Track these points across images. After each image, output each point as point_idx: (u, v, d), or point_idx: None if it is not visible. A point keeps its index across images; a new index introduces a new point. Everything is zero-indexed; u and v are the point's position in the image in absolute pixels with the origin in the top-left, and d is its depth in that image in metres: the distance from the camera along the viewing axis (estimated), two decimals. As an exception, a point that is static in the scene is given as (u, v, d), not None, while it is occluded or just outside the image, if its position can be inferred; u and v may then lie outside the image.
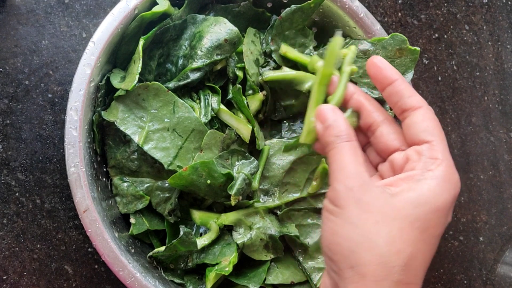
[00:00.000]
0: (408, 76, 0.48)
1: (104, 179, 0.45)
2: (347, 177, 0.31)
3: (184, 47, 0.44)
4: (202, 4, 0.47)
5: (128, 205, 0.45)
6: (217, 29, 0.43)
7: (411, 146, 0.34)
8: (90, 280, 0.52)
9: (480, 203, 0.64)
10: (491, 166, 0.65)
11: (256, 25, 0.49)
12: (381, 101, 0.49)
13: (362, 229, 0.29)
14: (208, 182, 0.43)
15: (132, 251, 0.44)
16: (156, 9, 0.43)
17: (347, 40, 0.49)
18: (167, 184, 0.45)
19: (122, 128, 0.42)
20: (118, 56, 0.45)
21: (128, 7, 0.42)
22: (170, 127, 0.43)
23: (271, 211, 0.47)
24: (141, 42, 0.42)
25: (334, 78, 0.38)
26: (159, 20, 0.45)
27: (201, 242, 0.45)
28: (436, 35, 0.64)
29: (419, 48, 0.47)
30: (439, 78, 0.63)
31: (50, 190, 0.51)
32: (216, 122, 0.45)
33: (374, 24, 0.49)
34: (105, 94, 0.44)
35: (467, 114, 0.64)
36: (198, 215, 0.46)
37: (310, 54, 0.49)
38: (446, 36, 0.64)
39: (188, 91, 0.46)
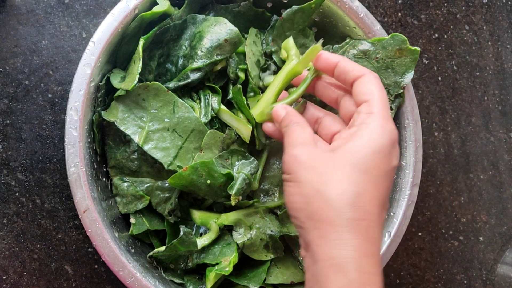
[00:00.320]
0: (408, 76, 0.48)
1: (104, 179, 0.45)
2: (292, 148, 0.36)
3: (184, 47, 0.44)
4: (202, 4, 0.47)
5: (128, 205, 0.45)
6: (217, 29, 0.43)
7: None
8: (90, 280, 0.52)
9: (480, 203, 0.64)
10: (491, 166, 0.65)
11: (256, 25, 0.49)
12: None
13: (311, 183, 0.33)
14: (208, 182, 0.43)
15: (132, 251, 0.44)
16: (156, 9, 0.43)
17: (347, 40, 0.49)
18: (167, 184, 0.45)
19: (122, 128, 0.42)
20: (118, 56, 0.45)
21: (128, 7, 0.42)
22: (170, 127, 0.43)
23: (271, 211, 0.47)
24: (141, 42, 0.42)
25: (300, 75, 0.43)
26: (159, 20, 0.45)
27: (201, 242, 0.45)
28: (436, 35, 0.64)
29: (419, 48, 0.47)
30: (439, 78, 0.63)
31: (50, 190, 0.51)
32: (216, 122, 0.45)
33: (374, 24, 0.49)
34: (105, 94, 0.44)
35: (467, 114, 0.64)
36: (198, 215, 0.46)
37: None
38: (446, 36, 0.64)
39: (188, 91, 0.46)
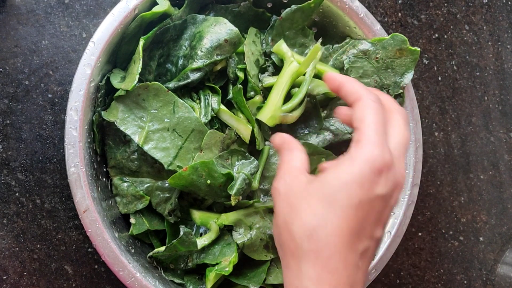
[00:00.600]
0: (408, 76, 0.48)
1: (104, 179, 0.45)
2: (276, 179, 0.37)
3: (184, 47, 0.44)
4: (202, 4, 0.47)
5: (128, 205, 0.45)
6: (217, 29, 0.43)
7: None
8: (90, 280, 0.52)
9: (480, 203, 0.64)
10: (491, 166, 0.65)
11: (256, 25, 0.49)
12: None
13: (282, 215, 0.35)
14: (208, 182, 0.43)
15: (132, 251, 0.44)
16: (156, 9, 0.43)
17: (347, 40, 0.49)
18: (167, 184, 0.45)
19: (122, 128, 0.42)
20: (118, 56, 0.45)
21: (128, 7, 0.42)
22: (170, 127, 0.43)
23: (272, 211, 0.47)
24: (141, 42, 0.42)
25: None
26: (159, 20, 0.45)
27: (201, 242, 0.45)
28: (436, 35, 0.64)
29: (419, 49, 0.47)
30: (439, 78, 0.63)
31: (50, 190, 0.51)
32: (216, 122, 0.45)
33: (374, 24, 0.49)
34: (105, 94, 0.44)
35: (467, 114, 0.64)
36: (198, 215, 0.46)
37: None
38: (446, 36, 0.64)
39: (188, 91, 0.46)
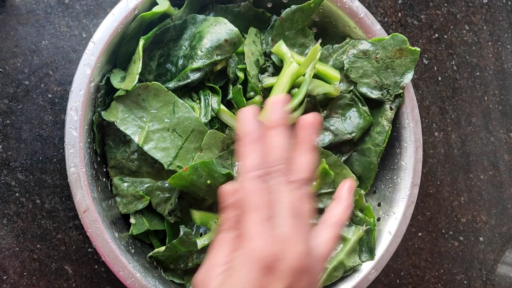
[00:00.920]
0: (408, 76, 0.48)
1: (104, 179, 0.45)
2: (200, 270, 0.35)
3: (184, 47, 0.44)
4: (202, 5, 0.47)
5: (128, 205, 0.45)
6: (217, 29, 0.43)
7: None
8: (90, 280, 0.52)
9: (480, 203, 0.64)
10: (491, 166, 0.65)
11: (256, 25, 0.49)
12: (379, 101, 0.49)
13: None
14: (208, 182, 0.43)
15: (132, 251, 0.44)
16: (156, 9, 0.43)
17: (347, 40, 0.49)
18: (167, 184, 0.45)
19: (122, 128, 0.42)
20: (118, 56, 0.45)
21: (128, 7, 0.42)
22: (170, 127, 0.43)
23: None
24: (141, 42, 0.42)
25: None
26: (159, 20, 0.45)
27: (201, 242, 0.45)
28: (436, 35, 0.64)
29: (419, 49, 0.47)
30: (439, 78, 0.63)
31: (50, 190, 0.51)
32: (216, 122, 0.45)
33: (374, 24, 0.49)
34: (105, 94, 0.44)
35: (467, 114, 0.64)
36: (198, 215, 0.46)
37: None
38: (446, 36, 0.64)
39: (188, 91, 0.46)
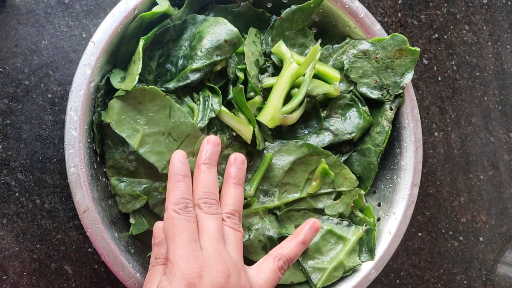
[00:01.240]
0: (408, 76, 0.48)
1: (104, 179, 0.45)
2: None
3: (184, 48, 0.44)
4: (202, 5, 0.47)
5: (126, 204, 0.45)
6: (217, 29, 0.43)
7: None
8: (90, 280, 0.52)
9: (480, 203, 0.64)
10: (491, 166, 0.65)
11: (256, 25, 0.49)
12: (379, 102, 0.49)
13: None
14: None
15: (132, 251, 0.44)
16: (156, 9, 0.43)
17: (347, 40, 0.49)
18: (164, 184, 0.45)
19: (117, 131, 0.42)
20: (118, 56, 0.45)
21: (128, 8, 0.42)
22: (165, 131, 0.43)
23: (271, 211, 0.47)
24: (141, 43, 0.42)
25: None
26: (159, 20, 0.45)
27: (201, 242, 0.45)
28: (436, 35, 0.64)
29: (419, 49, 0.47)
30: (439, 78, 0.63)
31: (50, 190, 0.51)
32: (215, 125, 0.45)
33: (374, 24, 0.49)
34: (105, 95, 0.44)
35: (467, 114, 0.64)
36: (198, 215, 0.46)
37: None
38: (446, 36, 0.64)
39: (188, 91, 0.46)
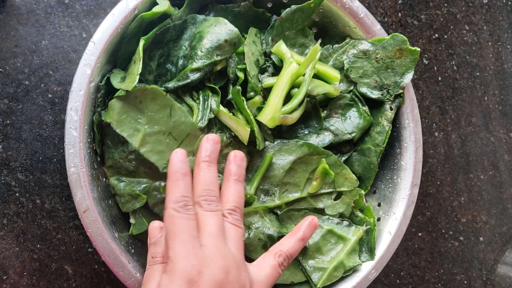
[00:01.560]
0: (408, 76, 0.48)
1: (104, 179, 0.45)
2: None
3: (184, 48, 0.44)
4: (202, 5, 0.47)
5: (126, 204, 0.45)
6: (217, 29, 0.43)
7: None
8: (90, 281, 0.52)
9: (480, 203, 0.64)
10: (491, 166, 0.65)
11: (256, 25, 0.49)
12: (379, 102, 0.49)
13: None
14: None
15: (132, 251, 0.44)
16: (156, 9, 0.43)
17: (347, 40, 0.49)
18: (164, 185, 0.45)
19: (118, 130, 0.42)
20: (118, 56, 0.45)
21: (128, 8, 0.42)
22: (166, 131, 0.43)
23: (271, 210, 0.47)
24: (141, 43, 0.42)
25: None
26: (159, 20, 0.45)
27: (201, 242, 0.45)
28: (436, 35, 0.64)
29: (419, 49, 0.47)
30: (439, 78, 0.63)
31: (50, 190, 0.51)
32: (215, 123, 0.45)
33: (374, 24, 0.49)
34: (105, 95, 0.44)
35: (467, 114, 0.64)
36: (198, 215, 0.46)
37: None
38: (446, 36, 0.64)
39: (188, 90, 0.46)
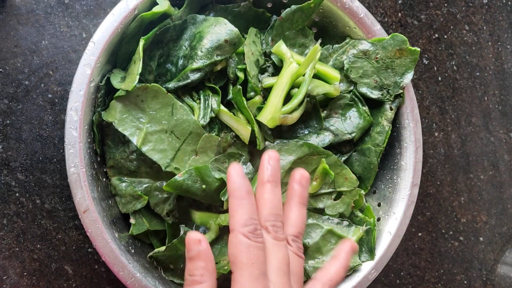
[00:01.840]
0: (408, 77, 0.48)
1: (104, 179, 0.45)
2: None
3: (184, 48, 0.44)
4: (202, 5, 0.47)
5: (127, 205, 0.45)
6: (217, 29, 0.43)
7: None
8: (90, 281, 0.52)
9: (480, 203, 0.64)
10: (491, 166, 0.65)
11: (256, 25, 0.49)
12: (379, 102, 0.49)
13: None
14: (204, 187, 0.43)
15: (132, 251, 0.44)
16: (156, 9, 0.43)
17: (347, 40, 0.49)
18: (165, 184, 0.45)
19: (120, 129, 0.42)
20: (118, 56, 0.45)
21: (128, 8, 0.42)
22: (168, 129, 0.43)
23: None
24: (141, 43, 0.42)
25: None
26: (159, 20, 0.45)
27: (201, 242, 0.45)
28: (436, 35, 0.64)
29: (419, 49, 0.47)
30: (439, 79, 0.63)
31: (50, 190, 0.51)
32: (217, 123, 0.45)
33: (374, 24, 0.49)
34: (105, 95, 0.44)
35: (467, 114, 0.64)
36: (197, 215, 0.46)
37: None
38: (446, 36, 0.64)
39: (188, 91, 0.46)
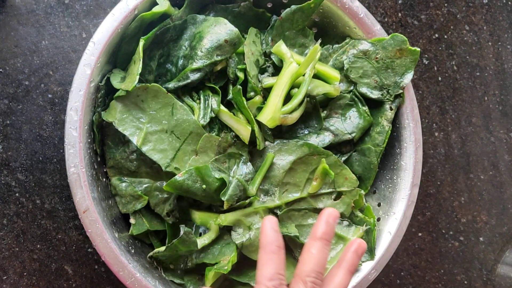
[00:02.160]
0: (408, 77, 0.48)
1: (104, 179, 0.45)
2: None
3: (184, 48, 0.44)
4: (202, 5, 0.47)
5: (127, 205, 0.45)
6: (217, 29, 0.43)
7: None
8: (90, 281, 0.52)
9: (480, 204, 0.64)
10: (491, 166, 0.64)
11: (256, 25, 0.49)
12: (379, 102, 0.49)
13: None
14: (204, 187, 0.43)
15: (132, 251, 0.44)
16: (156, 9, 0.43)
17: (347, 40, 0.49)
18: (165, 184, 0.45)
19: (120, 129, 0.42)
20: (118, 56, 0.45)
21: (128, 8, 0.42)
22: (168, 129, 0.43)
23: (271, 211, 0.47)
24: (141, 43, 0.42)
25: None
26: (159, 20, 0.45)
27: (201, 241, 0.45)
28: (436, 36, 0.64)
29: (419, 49, 0.47)
30: (439, 79, 0.63)
31: (50, 190, 0.51)
32: (216, 123, 0.45)
33: (374, 25, 0.49)
34: (105, 95, 0.44)
35: (467, 114, 0.64)
36: (198, 215, 0.46)
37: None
38: (446, 36, 0.64)
39: (188, 91, 0.46)
